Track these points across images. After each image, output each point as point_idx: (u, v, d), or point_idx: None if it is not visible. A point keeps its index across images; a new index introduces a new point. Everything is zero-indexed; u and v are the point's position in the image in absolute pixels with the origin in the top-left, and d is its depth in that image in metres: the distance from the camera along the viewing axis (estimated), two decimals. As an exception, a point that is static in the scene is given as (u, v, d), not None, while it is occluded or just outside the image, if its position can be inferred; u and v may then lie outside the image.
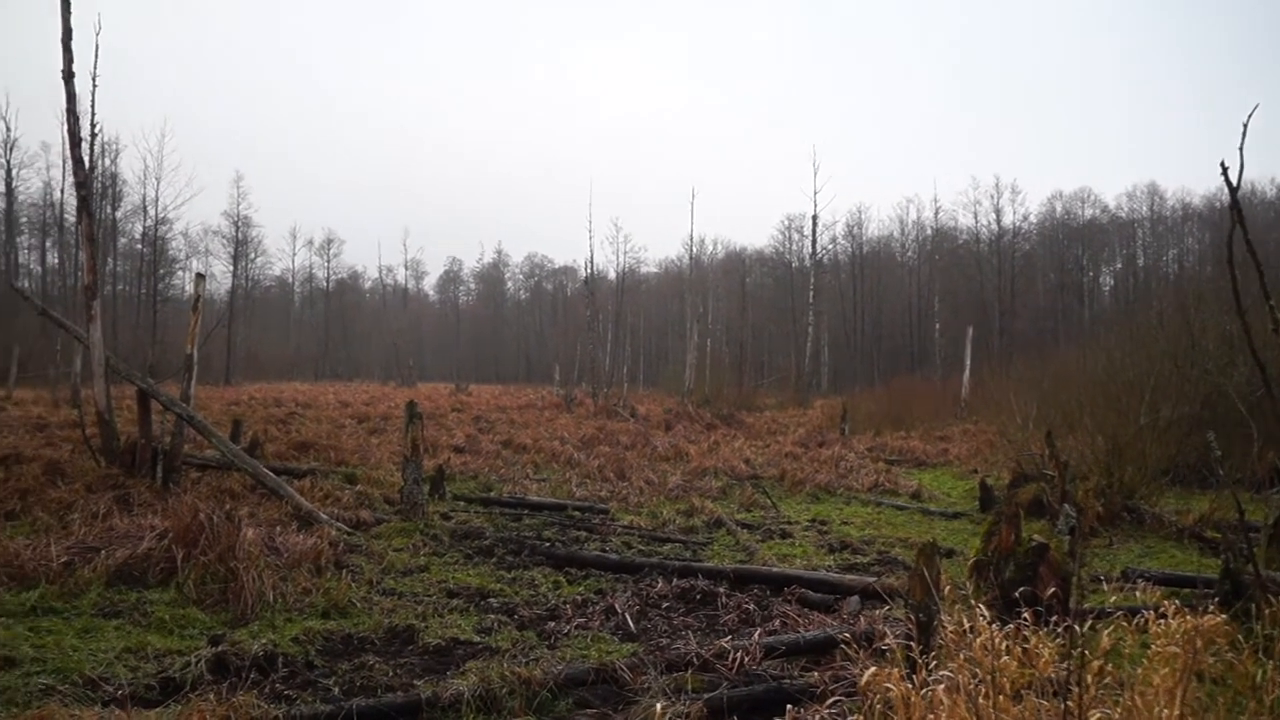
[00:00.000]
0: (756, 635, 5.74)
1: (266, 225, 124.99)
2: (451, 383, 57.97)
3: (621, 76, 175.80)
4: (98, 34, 29.90)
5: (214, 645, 5.33)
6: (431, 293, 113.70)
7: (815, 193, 53.34)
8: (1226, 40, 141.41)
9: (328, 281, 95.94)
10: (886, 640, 4.56)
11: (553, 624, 6.37)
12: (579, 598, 7.15)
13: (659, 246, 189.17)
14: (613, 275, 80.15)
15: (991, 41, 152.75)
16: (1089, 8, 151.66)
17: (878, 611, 6.49)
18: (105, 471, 11.46)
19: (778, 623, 6.33)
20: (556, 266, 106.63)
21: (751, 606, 6.80)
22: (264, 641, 5.46)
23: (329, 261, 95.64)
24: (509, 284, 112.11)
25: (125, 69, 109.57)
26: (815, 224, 56.59)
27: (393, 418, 24.73)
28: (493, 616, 6.52)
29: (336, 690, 4.93)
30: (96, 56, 29.81)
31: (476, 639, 5.98)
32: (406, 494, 10.33)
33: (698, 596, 7.16)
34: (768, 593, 7.33)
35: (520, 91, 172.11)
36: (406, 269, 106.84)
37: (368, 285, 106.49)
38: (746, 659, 5.25)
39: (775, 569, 8.07)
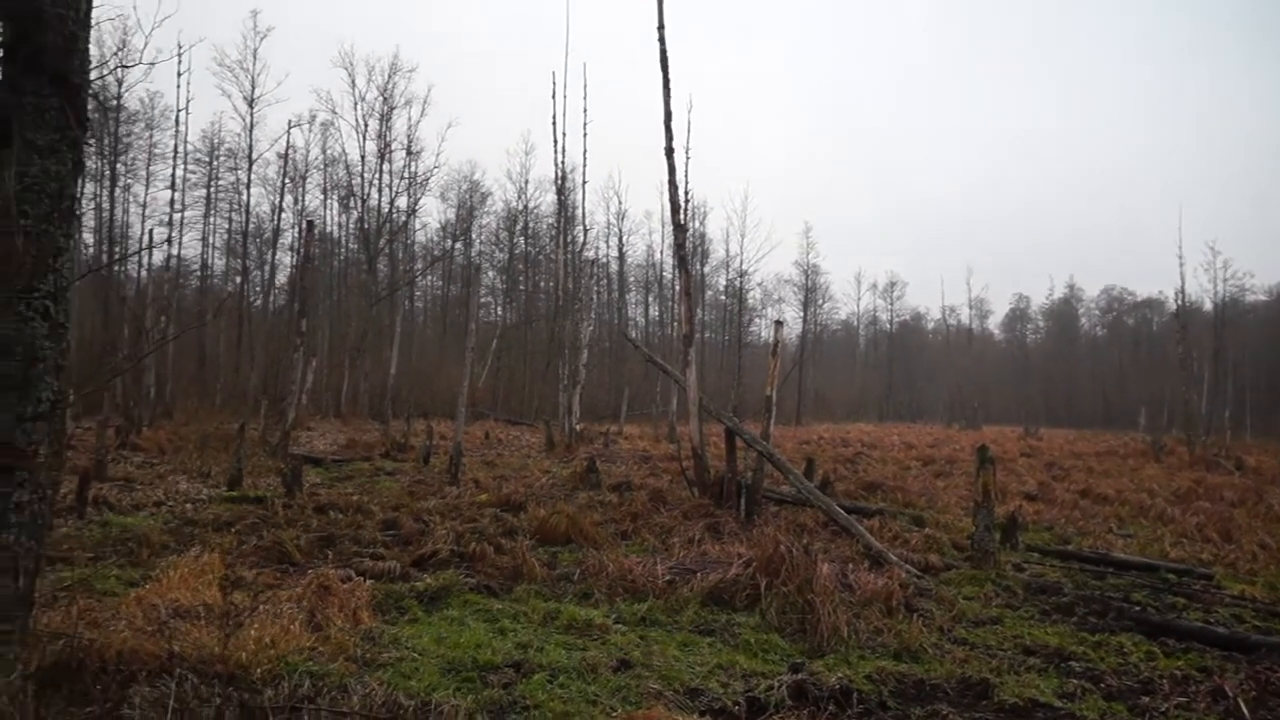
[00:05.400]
0: None
1: (833, 272, 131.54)
2: (1018, 426, 55.37)
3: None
4: (689, 113, 34.29)
5: (794, 672, 5.62)
6: (997, 331, 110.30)
7: None
8: None
9: (890, 324, 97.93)
10: None
11: (1146, 699, 5.71)
12: (1178, 672, 6.34)
13: (1269, 270, 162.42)
14: (1209, 306, 70.76)
15: None
16: None
17: None
18: (698, 501, 12.81)
19: None
20: (1138, 299, 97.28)
21: None
22: (839, 675, 5.62)
23: (892, 304, 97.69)
24: (1083, 320, 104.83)
25: (706, 137, 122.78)
26: None
27: (958, 461, 24.28)
28: (1075, 681, 6.02)
29: (910, 735, 4.91)
30: (689, 133, 34.12)
31: (1057, 703, 5.57)
32: (977, 540, 10.04)
33: (1338, 689, 5.96)
34: None
35: (1092, 112, 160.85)
36: (970, 308, 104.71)
37: (930, 326, 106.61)
38: None
39: None
